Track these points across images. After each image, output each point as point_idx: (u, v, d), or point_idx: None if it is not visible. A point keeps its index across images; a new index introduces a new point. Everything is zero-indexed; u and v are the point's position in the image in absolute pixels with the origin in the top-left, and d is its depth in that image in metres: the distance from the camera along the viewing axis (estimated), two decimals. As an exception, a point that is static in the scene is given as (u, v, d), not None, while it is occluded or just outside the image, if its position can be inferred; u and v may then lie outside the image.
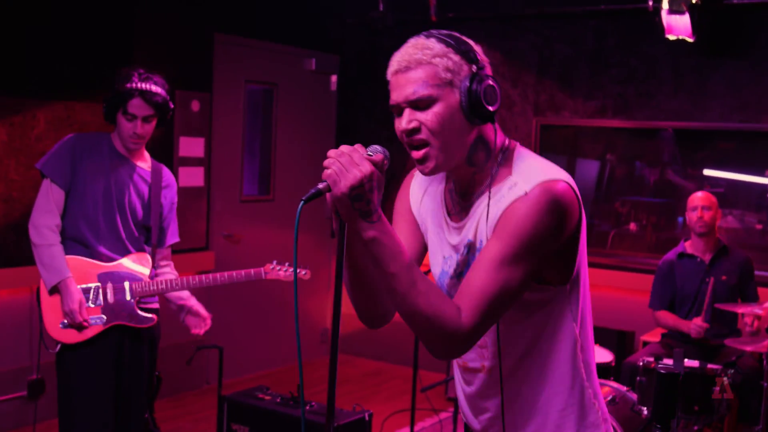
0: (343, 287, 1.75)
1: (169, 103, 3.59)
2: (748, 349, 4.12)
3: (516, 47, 6.24)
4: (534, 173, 1.78)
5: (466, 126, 1.80)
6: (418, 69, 1.77)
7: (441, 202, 1.97)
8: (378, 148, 1.74)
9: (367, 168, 1.64)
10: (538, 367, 1.89)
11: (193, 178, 5.69)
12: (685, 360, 3.83)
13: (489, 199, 1.81)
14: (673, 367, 3.49)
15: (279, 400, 4.24)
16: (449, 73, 1.77)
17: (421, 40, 1.80)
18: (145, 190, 3.67)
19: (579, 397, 1.91)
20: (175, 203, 3.81)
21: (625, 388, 3.92)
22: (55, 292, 3.48)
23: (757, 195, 5.68)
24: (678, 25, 5.09)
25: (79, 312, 3.44)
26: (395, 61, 1.81)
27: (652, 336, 5.29)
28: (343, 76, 6.91)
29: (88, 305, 3.51)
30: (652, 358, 4.00)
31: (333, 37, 6.81)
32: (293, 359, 6.60)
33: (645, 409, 3.77)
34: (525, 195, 1.74)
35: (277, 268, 3.81)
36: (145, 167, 3.69)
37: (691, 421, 3.92)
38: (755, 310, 4.18)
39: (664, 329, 5.03)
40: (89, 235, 3.54)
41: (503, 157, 1.86)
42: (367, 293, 1.89)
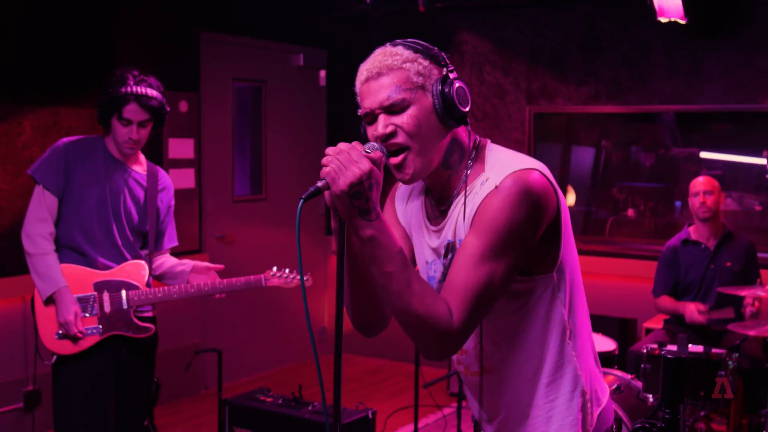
0: (342, 287, 1.75)
1: (165, 106, 3.58)
2: (751, 333, 4.15)
3: (506, 35, 6.25)
4: (504, 166, 1.81)
5: (441, 129, 1.84)
6: (390, 74, 1.80)
7: (421, 209, 2.01)
8: (376, 145, 1.77)
9: (365, 165, 1.66)
10: (531, 358, 1.91)
11: (183, 179, 5.70)
12: (689, 345, 3.86)
13: (465, 197, 1.85)
14: (679, 353, 3.53)
15: (281, 402, 4.25)
16: (420, 77, 1.81)
17: (388, 48, 1.85)
18: (140, 195, 3.64)
19: (571, 388, 1.92)
20: (172, 206, 3.78)
21: (630, 376, 3.95)
22: (50, 302, 3.45)
23: (755, 176, 5.70)
24: (670, 7, 5.11)
25: (75, 323, 3.42)
26: (365, 70, 1.84)
27: (654, 323, 5.32)
28: (332, 70, 6.92)
29: (84, 315, 3.48)
30: (656, 345, 4.03)
31: (320, 32, 6.82)
32: (293, 360, 6.62)
33: (650, 396, 3.81)
34: (496, 188, 1.78)
35: (278, 274, 3.77)
36: (141, 171, 3.67)
37: (697, 407, 3.96)
38: (758, 293, 4.21)
39: (666, 315, 5.06)
40: (84, 243, 3.51)
41: (476, 156, 1.90)
42: (364, 296, 1.90)
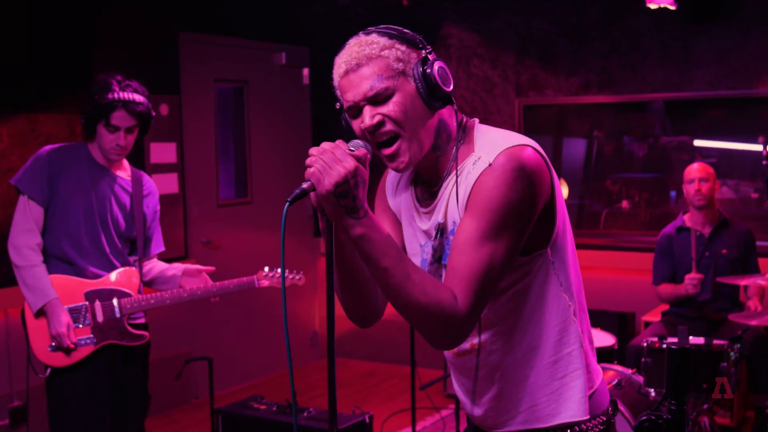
0: (333, 288, 1.76)
1: (151, 111, 3.60)
2: (752, 323, 4.14)
3: (493, 27, 6.24)
4: (496, 144, 1.81)
5: (427, 112, 1.84)
6: (370, 64, 1.80)
7: (411, 196, 2.02)
8: (359, 142, 1.77)
9: (350, 164, 1.66)
10: (527, 336, 1.90)
11: (167, 184, 5.67)
12: (690, 337, 3.86)
13: (456, 178, 1.85)
14: (683, 343, 3.53)
15: (275, 409, 4.23)
16: (400, 63, 1.82)
17: (362, 38, 1.84)
18: (126, 201, 3.65)
19: (579, 365, 1.92)
20: (158, 211, 3.80)
21: (630, 371, 3.95)
22: (41, 314, 3.44)
23: (751, 163, 5.71)
24: (659, -7, 5.12)
25: (67, 335, 3.41)
26: (342, 62, 1.83)
27: (653, 316, 5.33)
28: (315, 68, 6.89)
29: (77, 326, 3.48)
30: (656, 338, 4.03)
31: (302, 29, 6.79)
32: (285, 366, 6.59)
33: (652, 391, 3.80)
34: (490, 166, 1.78)
35: (270, 274, 3.78)
36: (126, 176, 3.69)
37: (700, 399, 3.95)
38: (758, 281, 4.21)
39: (665, 306, 5.06)
40: (72, 253, 3.51)
41: (463, 136, 1.90)
42: (357, 292, 1.91)
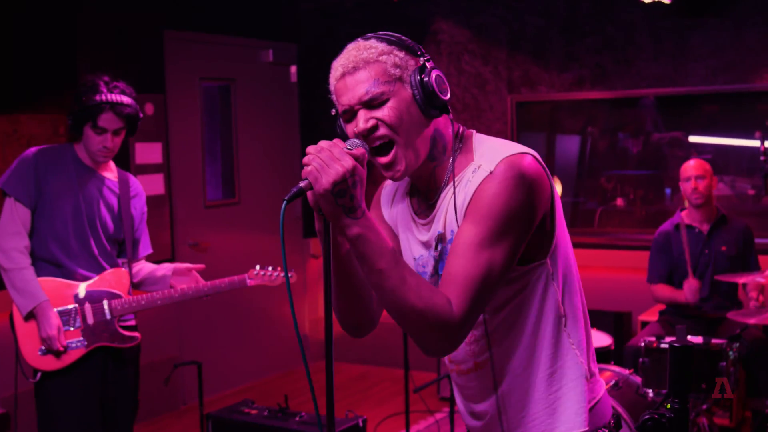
0: (331, 290, 1.76)
1: (139, 113, 3.62)
2: (751, 321, 4.16)
3: (484, 22, 6.25)
4: (496, 152, 1.83)
5: (423, 120, 1.85)
6: (367, 68, 1.82)
7: (407, 207, 2.02)
8: (357, 141, 1.78)
9: (348, 162, 1.66)
10: (526, 349, 1.90)
11: (152, 185, 5.65)
12: (688, 336, 3.86)
13: (454, 188, 1.86)
14: (683, 342, 3.53)
15: (267, 413, 4.22)
16: (398, 69, 1.83)
17: (361, 42, 1.86)
18: (114, 202, 3.67)
19: (575, 375, 1.92)
20: (145, 213, 3.82)
21: (628, 372, 3.95)
22: (30, 317, 3.46)
23: (747, 159, 5.72)
24: (653, -13, 5.14)
25: (58, 338, 3.43)
26: (339, 66, 1.84)
27: (650, 315, 5.33)
28: (303, 65, 6.87)
29: (67, 329, 3.50)
30: (653, 338, 4.04)
31: (288, 25, 6.78)
32: (276, 369, 6.58)
33: (650, 391, 3.81)
34: (491, 174, 1.79)
35: (261, 272, 3.80)
36: (112, 177, 3.71)
37: (699, 400, 3.96)
38: (757, 279, 4.22)
39: (661, 305, 5.07)
40: (60, 255, 3.53)
41: (461, 145, 1.91)
42: (352, 297, 1.91)
